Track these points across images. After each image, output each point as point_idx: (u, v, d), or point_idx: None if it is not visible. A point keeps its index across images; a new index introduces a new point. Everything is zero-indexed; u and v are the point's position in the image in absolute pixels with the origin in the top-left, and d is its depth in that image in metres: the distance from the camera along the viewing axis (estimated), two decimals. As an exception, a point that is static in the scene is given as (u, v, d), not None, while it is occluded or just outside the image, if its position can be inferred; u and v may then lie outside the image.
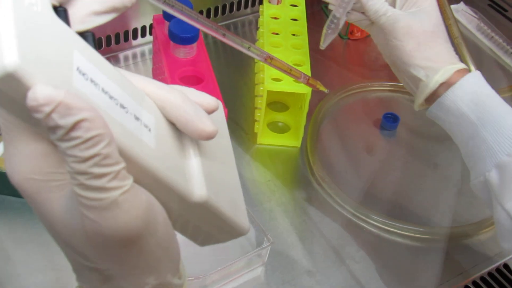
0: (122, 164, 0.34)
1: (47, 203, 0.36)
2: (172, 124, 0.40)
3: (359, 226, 0.80)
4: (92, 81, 0.34)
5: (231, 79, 0.96)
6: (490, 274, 0.77)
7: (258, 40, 0.98)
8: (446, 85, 0.70)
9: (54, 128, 0.31)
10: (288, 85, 0.84)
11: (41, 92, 0.30)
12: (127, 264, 0.37)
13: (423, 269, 0.78)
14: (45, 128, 0.33)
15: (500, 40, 1.09)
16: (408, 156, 0.91)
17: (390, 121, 0.90)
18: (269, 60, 0.65)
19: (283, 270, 0.75)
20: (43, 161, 0.36)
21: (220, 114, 0.45)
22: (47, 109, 0.30)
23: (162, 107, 0.40)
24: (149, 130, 0.38)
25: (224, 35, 0.57)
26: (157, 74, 0.91)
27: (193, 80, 0.83)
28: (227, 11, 1.07)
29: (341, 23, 0.74)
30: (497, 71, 1.05)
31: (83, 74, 0.34)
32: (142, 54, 1.00)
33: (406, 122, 0.95)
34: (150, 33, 1.00)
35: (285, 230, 0.79)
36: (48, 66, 0.32)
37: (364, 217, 0.81)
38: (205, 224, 0.42)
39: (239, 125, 0.91)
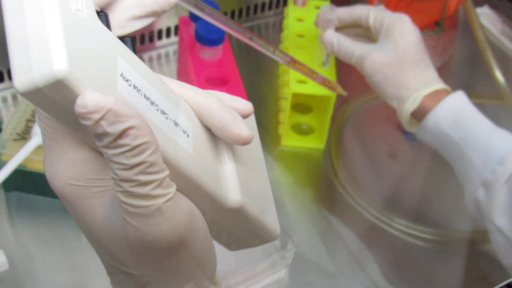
0: (167, 172, 0.34)
1: (87, 209, 0.36)
2: (208, 129, 0.40)
3: (382, 230, 0.80)
4: (135, 87, 0.34)
5: (254, 81, 0.96)
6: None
7: (282, 42, 0.98)
8: (422, 110, 0.73)
9: (102, 135, 0.31)
10: (313, 87, 0.84)
11: (90, 99, 0.30)
12: (167, 271, 0.38)
13: (445, 273, 0.78)
14: (89, 135, 0.33)
15: (525, 45, 1.09)
16: (430, 160, 0.90)
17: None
18: (292, 63, 0.65)
19: (306, 273, 0.75)
20: (84, 167, 0.36)
21: (251, 118, 0.45)
22: (96, 116, 0.30)
23: (198, 112, 0.40)
24: (187, 135, 0.38)
25: (251, 38, 0.57)
26: (182, 75, 0.91)
27: (219, 82, 0.83)
28: (251, 13, 1.07)
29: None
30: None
31: (127, 80, 0.34)
32: (167, 55, 1.01)
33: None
34: (175, 34, 1.01)
35: (308, 232, 0.79)
36: (95, 72, 0.31)
37: (387, 221, 0.80)
38: (237, 229, 0.43)
39: (263, 126, 0.91)
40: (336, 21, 0.81)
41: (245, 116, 0.42)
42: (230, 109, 0.40)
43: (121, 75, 0.34)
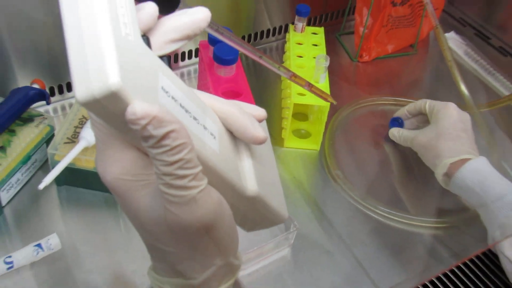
0: (200, 167, 0.34)
1: (134, 199, 0.36)
2: (229, 132, 0.41)
3: (366, 215, 0.81)
4: (173, 97, 0.35)
5: (261, 94, 0.97)
6: (477, 257, 0.78)
7: (284, 62, 0.99)
8: (454, 170, 0.77)
9: (148, 137, 0.32)
10: (310, 99, 0.84)
11: (139, 108, 0.30)
12: (199, 249, 0.38)
13: (417, 251, 0.78)
14: (136, 137, 0.34)
15: (484, 63, 1.09)
16: (405, 159, 0.91)
17: (395, 124, 0.91)
18: (293, 77, 0.66)
19: (306, 251, 0.76)
20: (131, 165, 0.36)
21: (263, 122, 0.46)
22: (143, 122, 0.31)
23: (223, 118, 0.40)
24: (214, 137, 0.38)
25: (260, 57, 0.58)
26: (202, 87, 0.91)
27: (233, 95, 0.83)
28: (258, 39, 1.08)
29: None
30: (480, 89, 1.05)
31: (166, 92, 0.34)
32: (188, 74, 1.02)
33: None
34: (195, 56, 1.01)
35: (307, 217, 0.79)
36: (141, 86, 0.32)
37: (371, 207, 0.81)
38: (254, 213, 0.43)
39: (268, 132, 0.91)
40: (404, 116, 0.91)
41: (260, 121, 0.42)
42: (249, 115, 0.41)
43: (162, 87, 0.34)
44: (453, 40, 1.14)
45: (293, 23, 0.99)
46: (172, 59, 0.99)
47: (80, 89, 0.30)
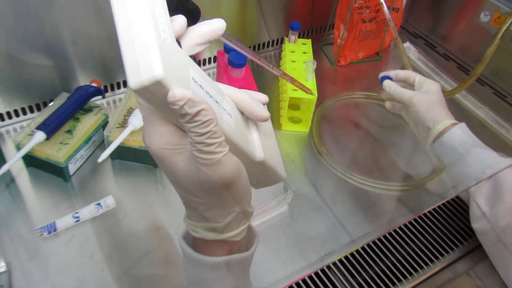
0: (223, 137, 0.35)
1: (173, 163, 0.37)
2: (241, 112, 0.41)
3: (345, 181, 0.81)
4: (200, 86, 0.35)
5: (264, 90, 0.95)
6: (435, 209, 0.78)
7: (281, 66, 0.98)
8: (443, 131, 0.75)
9: (184, 115, 0.32)
10: (302, 94, 0.84)
11: (177, 92, 0.31)
12: (224, 199, 0.38)
13: (387, 209, 0.78)
14: (174, 115, 0.34)
15: (432, 66, 1.09)
16: (376, 139, 0.91)
17: (388, 78, 0.86)
18: (283, 75, 0.66)
19: (300, 208, 0.76)
20: (170, 137, 0.36)
21: (265, 106, 0.46)
22: (181, 103, 0.32)
23: (236, 102, 0.41)
24: (231, 116, 0.39)
25: (259, 59, 0.58)
26: (219, 87, 0.91)
27: (243, 87, 0.83)
28: (260, 48, 1.07)
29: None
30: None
31: (195, 81, 0.35)
32: (208, 75, 1.01)
33: (372, 117, 0.95)
34: (214, 62, 1.01)
35: (300, 183, 0.79)
36: (177, 76, 0.32)
37: (350, 176, 0.81)
38: (261, 174, 0.43)
39: (270, 118, 0.91)
40: (394, 77, 0.86)
41: (264, 103, 0.43)
42: (256, 100, 0.42)
43: (192, 78, 0.35)
44: (408, 49, 1.13)
45: (287, 36, 0.98)
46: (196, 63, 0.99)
47: (133, 79, 0.31)
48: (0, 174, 0.69)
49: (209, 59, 1.00)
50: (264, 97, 0.44)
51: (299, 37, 0.98)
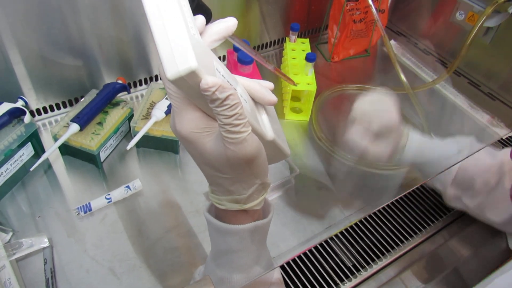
0: (247, 118, 0.34)
1: (202, 144, 0.36)
2: (252, 98, 0.41)
3: (341, 163, 0.80)
4: (222, 75, 0.35)
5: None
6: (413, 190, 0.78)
7: (283, 63, 0.97)
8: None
9: (215, 100, 0.32)
10: (303, 87, 0.83)
11: (210, 80, 0.31)
12: (247, 173, 0.38)
13: (376, 186, 0.77)
14: (203, 102, 0.34)
15: (414, 60, 1.08)
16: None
17: None
18: (275, 69, 0.63)
19: (303, 186, 0.75)
20: (199, 122, 0.36)
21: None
22: (213, 89, 0.31)
23: (248, 89, 0.41)
24: (246, 101, 0.38)
25: (256, 54, 0.57)
26: (229, 82, 0.90)
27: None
28: (264, 48, 1.06)
29: None
30: (413, 77, 1.04)
31: (219, 72, 0.35)
32: (218, 72, 1.00)
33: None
34: (223, 60, 0.99)
35: (303, 165, 0.78)
36: (206, 67, 0.32)
37: (344, 158, 0.80)
38: (271, 151, 0.43)
39: (274, 109, 0.91)
40: None
41: (271, 90, 0.43)
42: (264, 87, 0.42)
43: (216, 69, 0.34)
44: (393, 45, 1.12)
45: (286, 37, 0.97)
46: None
47: (171, 70, 0.30)
48: (40, 162, 0.69)
49: (219, 58, 0.99)
50: (270, 84, 0.43)
51: (298, 37, 0.97)
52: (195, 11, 0.37)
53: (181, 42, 0.31)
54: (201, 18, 0.36)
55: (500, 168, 0.64)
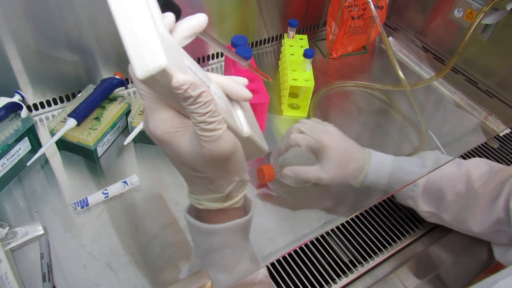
0: (222, 115, 0.34)
1: (177, 144, 0.36)
2: (226, 95, 0.41)
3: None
4: (194, 72, 0.35)
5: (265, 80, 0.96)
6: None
7: (281, 59, 0.97)
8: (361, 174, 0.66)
9: (188, 97, 0.32)
10: (301, 82, 0.83)
11: (181, 78, 0.31)
12: (225, 171, 0.38)
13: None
14: (176, 100, 0.34)
15: (412, 57, 1.08)
16: (364, 122, 0.90)
17: None
18: (250, 66, 0.62)
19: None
20: (173, 121, 0.35)
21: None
22: (185, 87, 0.31)
23: (222, 86, 0.40)
24: (220, 98, 0.38)
25: (228, 51, 0.55)
26: (227, 78, 0.90)
27: (249, 80, 0.80)
28: (261, 44, 1.05)
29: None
30: (411, 74, 1.04)
31: (191, 69, 0.34)
32: (216, 68, 0.99)
33: (361, 103, 0.95)
34: (221, 56, 0.99)
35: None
36: (177, 64, 0.32)
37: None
38: (248, 148, 0.42)
39: (272, 105, 0.90)
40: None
41: (245, 85, 0.42)
42: (238, 83, 0.41)
43: (188, 66, 0.34)
44: (391, 42, 1.12)
45: (286, 33, 0.97)
46: (206, 59, 0.97)
47: (140, 70, 0.30)
48: (36, 157, 0.69)
49: (217, 54, 0.99)
50: (245, 80, 0.43)
51: (296, 33, 0.97)
52: (163, 9, 0.36)
53: (150, 40, 0.30)
54: (170, 16, 0.36)
55: (467, 177, 0.62)
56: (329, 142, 0.64)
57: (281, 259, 0.64)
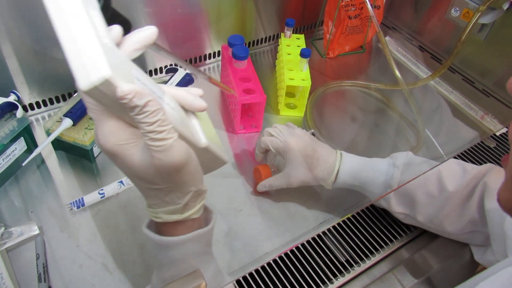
0: (172, 125, 0.34)
1: (128, 156, 0.35)
2: (181, 106, 0.40)
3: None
4: (143, 83, 0.34)
5: (262, 80, 0.95)
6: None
7: (278, 58, 0.97)
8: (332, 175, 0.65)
9: (134, 107, 0.31)
10: (297, 82, 0.83)
11: (126, 88, 0.30)
12: (180, 181, 0.37)
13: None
14: (123, 111, 0.33)
15: (409, 56, 1.08)
16: (362, 121, 0.90)
17: None
18: (210, 79, 0.61)
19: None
20: (122, 133, 0.35)
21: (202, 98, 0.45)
22: (130, 96, 0.31)
23: (176, 97, 0.40)
24: (173, 109, 0.38)
25: (186, 64, 0.53)
26: (224, 76, 0.90)
27: (246, 80, 0.81)
28: (255, 44, 1.05)
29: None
30: (408, 74, 1.04)
31: (139, 80, 0.34)
32: (213, 68, 0.99)
33: (358, 103, 0.95)
34: (218, 56, 0.99)
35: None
36: (123, 75, 0.31)
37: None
38: (206, 160, 0.42)
39: (269, 104, 0.90)
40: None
41: (201, 96, 0.42)
42: (193, 94, 0.41)
43: (136, 77, 0.34)
44: (388, 42, 1.12)
45: (282, 32, 0.97)
46: (202, 58, 0.97)
47: (83, 81, 0.30)
48: (32, 157, 0.68)
49: (214, 53, 0.99)
50: (199, 91, 0.42)
51: (293, 32, 0.97)
52: (110, 22, 0.36)
53: (92, 51, 0.30)
54: (116, 28, 0.36)
55: (439, 177, 0.61)
56: (295, 144, 0.65)
57: (277, 258, 0.63)
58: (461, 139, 0.88)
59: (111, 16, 0.38)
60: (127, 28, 0.40)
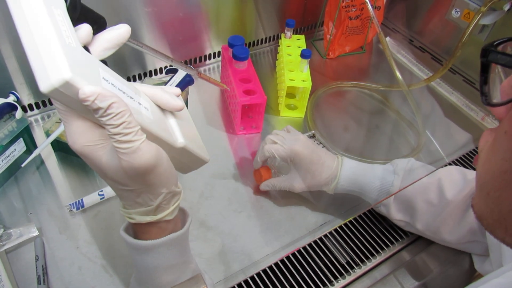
0: (139, 126, 0.33)
1: (97, 158, 0.35)
2: (158, 106, 0.40)
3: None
4: (112, 84, 0.34)
5: (264, 80, 0.95)
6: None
7: (278, 59, 0.96)
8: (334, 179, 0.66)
9: (97, 109, 0.31)
10: (298, 83, 0.83)
11: (87, 89, 0.30)
12: (150, 183, 0.37)
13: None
14: (89, 113, 0.33)
15: (410, 57, 1.08)
16: (362, 122, 0.90)
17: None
18: (199, 74, 0.60)
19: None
20: (91, 134, 0.35)
21: (181, 99, 0.44)
22: (92, 98, 0.30)
23: (152, 97, 0.40)
24: (147, 109, 0.37)
25: (172, 61, 0.53)
26: (224, 77, 0.89)
27: (246, 80, 0.81)
28: (256, 45, 1.05)
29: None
30: (408, 75, 1.04)
31: (106, 80, 0.33)
32: (213, 68, 0.99)
33: (359, 104, 0.95)
34: (218, 56, 0.98)
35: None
36: (87, 76, 0.31)
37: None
38: (186, 159, 0.41)
39: (269, 105, 0.90)
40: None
41: (178, 95, 0.42)
42: (169, 93, 0.41)
43: (103, 78, 0.33)
44: (388, 42, 1.12)
45: (283, 33, 0.96)
46: (203, 59, 0.97)
47: (43, 83, 0.29)
48: (31, 158, 0.68)
49: (214, 54, 0.98)
50: (176, 90, 0.42)
51: (293, 33, 0.97)
52: (81, 20, 0.35)
53: (52, 52, 0.29)
54: (85, 27, 0.35)
55: (439, 185, 0.60)
56: (301, 152, 0.65)
57: (278, 261, 0.63)
58: (462, 140, 0.88)
59: (82, 13, 0.37)
60: (101, 25, 0.39)
